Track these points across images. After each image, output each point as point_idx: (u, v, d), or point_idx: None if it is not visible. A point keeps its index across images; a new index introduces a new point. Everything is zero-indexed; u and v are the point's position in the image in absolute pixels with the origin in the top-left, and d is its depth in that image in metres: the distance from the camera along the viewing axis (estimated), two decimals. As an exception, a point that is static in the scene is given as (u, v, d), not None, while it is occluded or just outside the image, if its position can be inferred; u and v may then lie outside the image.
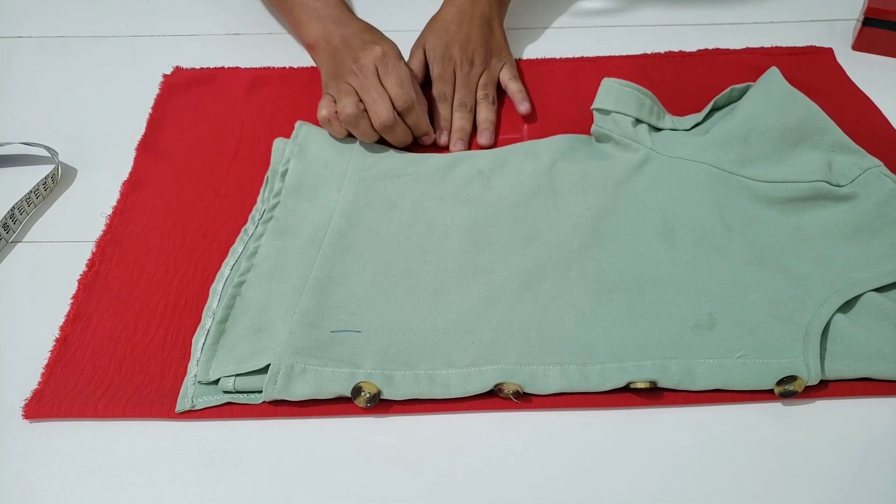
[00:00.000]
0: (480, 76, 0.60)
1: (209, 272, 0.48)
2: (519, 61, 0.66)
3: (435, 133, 0.58)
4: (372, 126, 0.53)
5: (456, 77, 0.60)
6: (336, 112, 0.53)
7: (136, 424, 0.40)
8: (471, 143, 0.58)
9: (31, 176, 0.54)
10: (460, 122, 0.57)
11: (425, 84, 0.62)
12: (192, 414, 0.40)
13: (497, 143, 0.58)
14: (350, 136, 0.56)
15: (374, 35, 0.57)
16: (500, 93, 0.62)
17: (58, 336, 0.44)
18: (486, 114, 0.58)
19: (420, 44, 0.62)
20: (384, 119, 0.52)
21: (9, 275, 0.49)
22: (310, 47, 0.61)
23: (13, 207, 0.51)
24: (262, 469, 0.38)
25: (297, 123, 0.56)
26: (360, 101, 0.53)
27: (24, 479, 0.38)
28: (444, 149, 0.57)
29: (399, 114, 0.54)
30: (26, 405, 0.41)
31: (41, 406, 0.41)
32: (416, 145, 0.58)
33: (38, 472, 0.38)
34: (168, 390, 0.41)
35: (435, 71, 0.60)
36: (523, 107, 0.59)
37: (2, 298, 0.47)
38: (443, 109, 0.58)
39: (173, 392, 0.41)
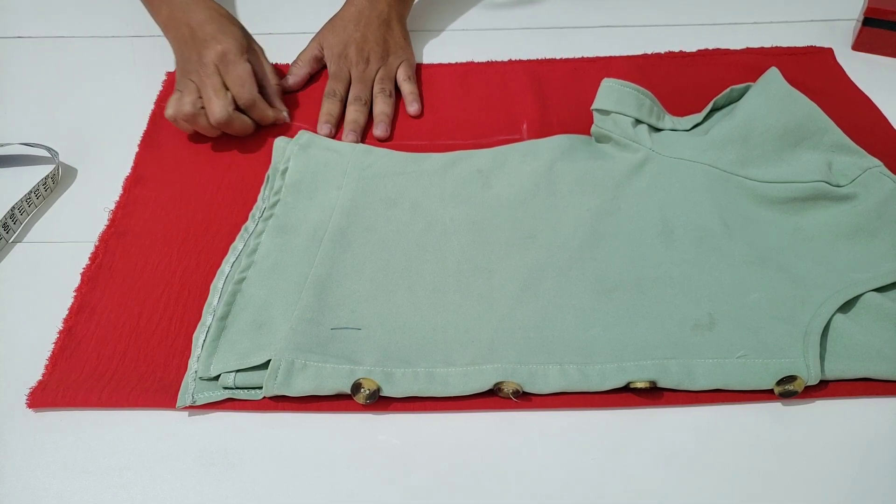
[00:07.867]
0: (377, 72, 0.62)
1: (212, 264, 0.48)
2: (519, 61, 0.66)
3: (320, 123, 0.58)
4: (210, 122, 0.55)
5: (352, 75, 0.61)
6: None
7: (136, 424, 0.40)
8: (365, 136, 0.59)
9: (32, 176, 0.54)
10: (354, 114, 0.59)
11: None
12: (193, 406, 0.40)
13: (393, 136, 0.59)
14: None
15: (217, 27, 0.58)
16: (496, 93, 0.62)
17: (61, 328, 0.44)
18: (381, 107, 0.60)
19: (318, 40, 0.64)
20: (217, 117, 0.54)
21: (9, 275, 0.49)
22: (162, 28, 0.62)
23: (13, 207, 0.51)
24: (263, 470, 0.38)
25: (300, 132, 0.56)
26: (201, 97, 0.55)
27: (23, 479, 0.38)
28: (443, 148, 0.57)
29: (243, 110, 0.56)
30: (30, 394, 0.41)
31: (45, 395, 0.41)
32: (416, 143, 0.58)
33: (38, 472, 0.38)
34: (172, 379, 0.42)
35: (331, 69, 0.62)
36: (413, 108, 0.61)
37: (2, 299, 0.47)
38: (328, 105, 0.59)
39: (177, 381, 0.41)
